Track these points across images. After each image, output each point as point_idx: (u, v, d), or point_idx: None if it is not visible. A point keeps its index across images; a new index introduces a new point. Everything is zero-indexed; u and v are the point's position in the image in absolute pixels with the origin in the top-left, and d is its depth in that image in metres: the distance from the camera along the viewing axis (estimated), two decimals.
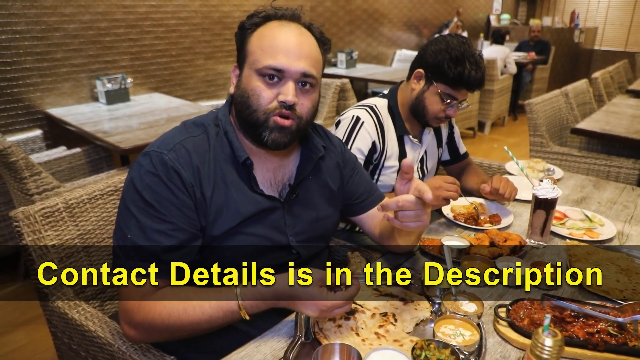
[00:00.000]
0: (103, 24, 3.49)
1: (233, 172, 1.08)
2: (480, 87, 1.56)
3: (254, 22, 1.08)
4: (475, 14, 8.19)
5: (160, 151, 1.02)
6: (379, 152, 1.64)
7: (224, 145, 1.08)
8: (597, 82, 4.26)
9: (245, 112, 1.05)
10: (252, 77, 1.03)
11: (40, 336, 2.21)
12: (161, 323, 0.95)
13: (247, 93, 1.04)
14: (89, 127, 2.81)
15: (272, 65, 1.01)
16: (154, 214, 0.98)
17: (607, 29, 9.49)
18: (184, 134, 1.07)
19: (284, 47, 1.02)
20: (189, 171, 1.02)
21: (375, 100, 1.70)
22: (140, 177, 1.00)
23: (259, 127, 1.04)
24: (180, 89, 4.14)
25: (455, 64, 1.51)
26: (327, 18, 5.44)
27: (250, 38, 1.06)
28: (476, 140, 5.70)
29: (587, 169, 2.78)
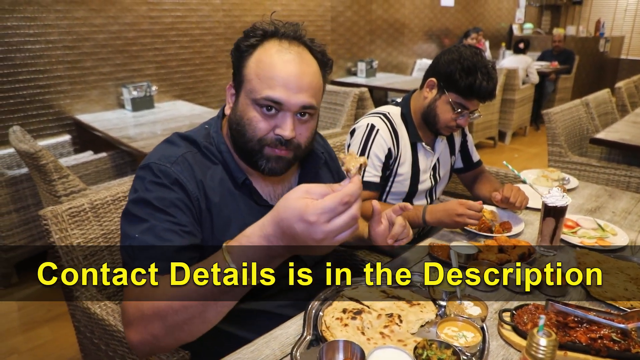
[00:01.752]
0: (130, 34, 3.63)
1: (236, 189, 1.07)
2: (491, 97, 1.58)
3: (250, 43, 1.01)
4: (497, 24, 8.15)
5: (162, 163, 1.00)
6: (394, 158, 1.67)
7: (222, 163, 1.07)
8: (621, 91, 4.20)
9: (240, 140, 1.03)
10: (248, 106, 1.00)
11: (65, 333, 2.30)
12: (150, 308, 0.83)
13: (243, 122, 1.01)
14: (115, 132, 2.92)
15: (270, 97, 0.97)
16: (164, 217, 0.95)
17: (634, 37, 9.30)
18: (184, 147, 1.06)
19: (283, 78, 0.97)
20: (193, 184, 1.00)
21: (388, 108, 1.74)
22: (146, 189, 0.98)
23: (254, 155, 1.02)
24: (202, 96, 4.25)
25: (466, 74, 1.53)
26: (347, 28, 5.51)
27: (247, 62, 1.01)
28: (497, 150, 5.66)
29: (606, 180, 2.75)
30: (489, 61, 1.58)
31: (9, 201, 2.62)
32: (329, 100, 3.72)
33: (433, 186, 1.80)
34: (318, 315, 1.07)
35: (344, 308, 1.08)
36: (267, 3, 4.51)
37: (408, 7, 6.23)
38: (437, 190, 1.84)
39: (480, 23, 7.61)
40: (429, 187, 1.78)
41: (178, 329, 0.83)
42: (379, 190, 1.70)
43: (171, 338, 0.85)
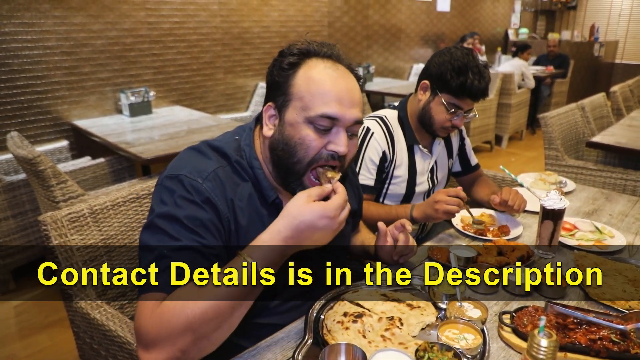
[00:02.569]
0: (128, 40, 3.64)
1: (263, 207, 1.05)
2: (484, 96, 1.59)
3: (292, 62, 0.99)
4: (493, 29, 8.21)
5: (193, 178, 0.96)
6: (389, 161, 1.69)
7: (252, 180, 1.04)
8: (616, 95, 4.23)
9: (287, 161, 1.00)
10: (300, 125, 0.97)
11: (63, 338, 2.29)
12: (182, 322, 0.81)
13: (294, 142, 0.98)
14: (113, 138, 2.92)
15: (327, 114, 0.96)
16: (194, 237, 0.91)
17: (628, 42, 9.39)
18: (215, 162, 1.01)
19: (337, 94, 0.97)
20: (224, 203, 0.97)
21: (385, 112, 1.76)
22: (176, 204, 0.93)
23: (296, 179, 1.01)
24: (200, 102, 4.26)
25: (457, 74, 1.55)
26: (344, 33, 5.54)
27: (294, 80, 0.99)
28: (493, 154, 5.68)
29: (602, 183, 2.77)
30: (481, 61, 1.60)
31: (7, 207, 2.61)
32: None
33: (431, 188, 1.81)
34: (319, 319, 1.07)
35: (344, 311, 1.08)
36: (264, 9, 4.53)
37: (404, 12, 6.28)
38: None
39: (476, 28, 7.66)
40: (426, 189, 1.79)
41: (206, 339, 0.84)
42: (374, 193, 1.71)
43: (197, 350, 0.84)
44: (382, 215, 1.61)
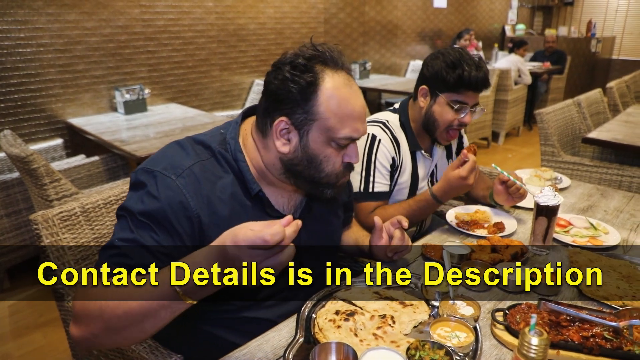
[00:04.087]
0: (123, 37, 3.62)
1: (247, 198, 1.06)
2: (485, 86, 1.55)
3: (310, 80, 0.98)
4: (490, 25, 8.19)
5: (167, 175, 0.97)
6: (397, 167, 1.66)
7: (235, 172, 1.06)
8: (612, 91, 4.22)
9: (314, 175, 1.05)
10: (324, 144, 1.01)
11: (57, 338, 2.28)
12: (96, 309, 0.85)
13: (319, 159, 1.02)
14: (107, 136, 2.91)
15: (353, 137, 1.02)
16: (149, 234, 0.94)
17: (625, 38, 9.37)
18: (193, 157, 1.03)
19: (359, 115, 1.02)
20: (197, 199, 0.98)
21: (386, 116, 1.71)
22: (142, 200, 0.96)
23: (328, 187, 1.07)
24: (196, 99, 4.25)
25: (452, 68, 1.53)
26: (340, 29, 5.52)
27: (317, 99, 0.98)
28: (490, 151, 5.68)
29: (598, 179, 2.76)
30: (474, 55, 1.58)
31: (1, 206, 2.60)
32: None
33: None
34: (311, 318, 1.07)
35: (336, 310, 1.08)
36: (260, 6, 4.51)
37: (401, 8, 6.25)
38: None
39: (473, 24, 7.64)
40: None
41: (116, 333, 0.86)
42: (388, 199, 1.68)
43: (108, 339, 0.88)
44: (402, 213, 1.56)
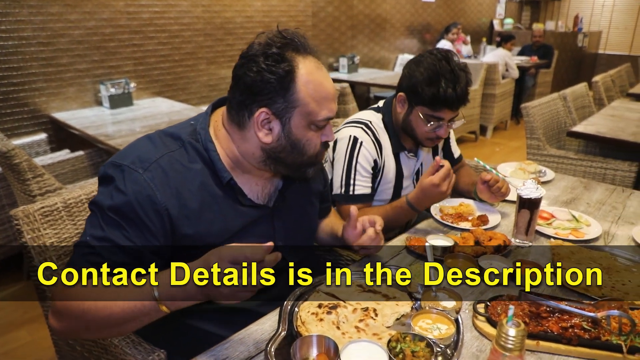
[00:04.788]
0: (107, 30, 3.56)
1: (218, 188, 1.06)
2: (462, 103, 1.48)
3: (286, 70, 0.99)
4: (478, 19, 8.22)
5: (134, 169, 0.97)
6: (379, 168, 1.65)
7: (206, 162, 1.05)
8: (598, 85, 4.27)
9: (298, 159, 1.08)
10: (305, 128, 1.05)
11: (42, 335, 2.26)
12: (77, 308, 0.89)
13: (302, 143, 1.06)
14: (92, 130, 2.87)
15: (330, 117, 1.06)
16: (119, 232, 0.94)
17: (611, 32, 9.47)
18: (161, 149, 1.02)
19: (332, 95, 1.06)
20: (164, 192, 0.97)
21: (369, 116, 1.68)
22: (111, 195, 0.96)
23: (310, 165, 1.11)
24: (182, 93, 4.21)
25: (428, 84, 1.45)
26: (329, 23, 5.50)
27: (295, 86, 1.00)
28: (478, 144, 5.71)
29: (583, 172, 2.80)
30: (458, 63, 1.48)
31: None
32: None
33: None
34: (294, 311, 1.07)
35: (319, 303, 1.08)
36: None
37: (389, 2, 6.24)
38: None
39: (462, 18, 7.66)
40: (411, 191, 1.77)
41: (97, 331, 0.93)
42: (371, 201, 1.68)
43: (89, 335, 1.01)
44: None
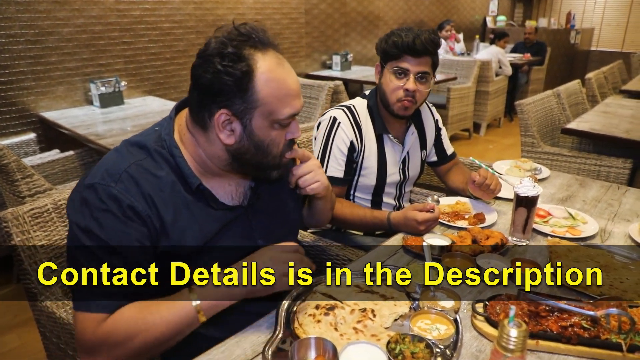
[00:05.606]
0: (97, 28, 3.51)
1: (189, 194, 1.03)
2: (422, 46, 1.52)
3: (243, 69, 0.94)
4: (471, 16, 8.23)
5: (106, 184, 0.94)
6: (357, 151, 1.66)
7: (173, 168, 1.02)
8: (591, 82, 4.28)
9: (264, 160, 1.04)
10: (268, 128, 1.00)
11: (32, 338, 2.22)
12: (123, 339, 0.90)
13: (266, 144, 1.02)
14: (82, 130, 2.83)
15: (293, 114, 1.02)
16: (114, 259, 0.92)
17: (603, 29, 9.53)
18: (128, 158, 0.99)
19: (295, 91, 1.01)
20: (141, 201, 0.95)
21: (354, 101, 1.74)
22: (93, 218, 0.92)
23: (273, 168, 1.07)
24: (174, 92, 4.16)
25: (388, 37, 1.60)
26: (322, 20, 5.47)
27: (254, 86, 0.95)
28: (472, 142, 5.72)
29: (577, 169, 2.80)
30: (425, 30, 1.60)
31: None
32: (304, 94, 3.68)
33: (403, 181, 1.79)
34: (290, 313, 1.05)
35: (316, 304, 1.06)
36: None
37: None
38: (406, 185, 1.83)
39: (455, 15, 7.66)
40: (397, 180, 1.76)
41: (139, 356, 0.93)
42: (345, 185, 1.68)
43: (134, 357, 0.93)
44: (355, 219, 1.58)
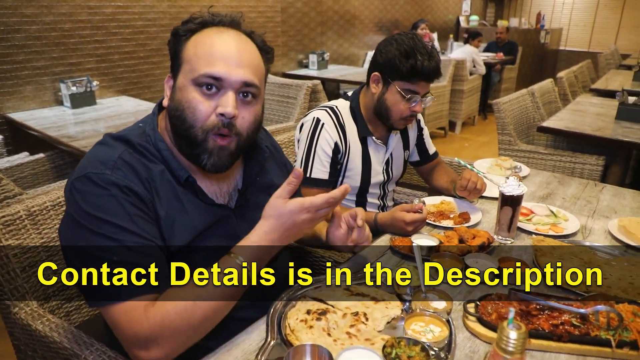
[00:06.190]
0: (67, 25, 3.39)
1: (178, 187, 1.01)
2: (437, 75, 1.56)
3: (189, 28, 0.99)
4: (444, 16, 8.33)
5: (101, 172, 0.91)
6: (342, 153, 1.65)
7: (161, 162, 1.00)
8: (562, 81, 4.39)
9: (181, 128, 0.96)
10: (187, 88, 0.95)
11: (4, 350, 2.13)
12: (180, 319, 0.86)
13: (183, 105, 0.95)
14: (53, 131, 2.73)
15: (209, 73, 0.93)
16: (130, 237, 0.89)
17: (571, 29, 9.81)
18: (119, 148, 0.97)
19: (223, 53, 0.95)
20: (141, 187, 0.93)
21: (337, 102, 1.71)
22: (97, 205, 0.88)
23: (197, 146, 0.97)
24: (149, 91, 4.06)
25: (406, 57, 1.51)
26: (298, 19, 5.44)
27: (185, 45, 0.98)
28: (447, 140, 5.79)
29: (553, 166, 2.86)
30: (427, 42, 1.57)
31: None
32: (281, 94, 3.65)
33: (386, 181, 1.78)
34: (281, 318, 1.02)
35: (307, 309, 1.04)
36: None
37: None
38: (389, 185, 1.83)
39: (429, 15, 7.75)
40: (381, 181, 1.76)
41: (201, 335, 0.91)
42: (330, 187, 1.66)
43: (190, 345, 0.91)
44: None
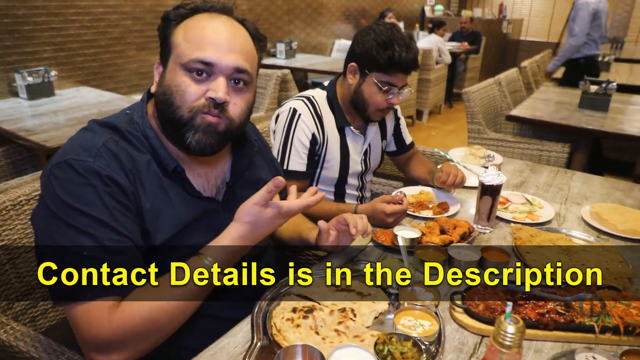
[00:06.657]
0: (20, 12, 3.19)
1: (165, 177, 0.97)
2: (414, 67, 1.53)
3: (179, 13, 0.97)
4: (410, 5, 8.37)
5: (83, 159, 0.87)
6: (320, 143, 1.61)
7: (148, 150, 0.97)
8: (526, 70, 4.49)
9: (168, 111, 0.93)
10: (177, 73, 0.93)
11: None
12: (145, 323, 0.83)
13: (171, 89, 0.92)
14: (9, 125, 2.57)
15: (200, 58, 0.91)
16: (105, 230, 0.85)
17: (531, 20, 10.06)
18: (104, 134, 0.94)
19: (214, 39, 0.93)
20: (123, 177, 0.90)
21: (313, 92, 1.67)
22: (75, 194, 0.84)
23: (182, 126, 0.92)
24: (111, 81, 3.90)
25: (384, 48, 1.48)
26: (265, 7, 5.33)
27: (175, 30, 0.96)
28: (415, 129, 5.85)
29: (521, 154, 2.92)
30: (405, 34, 1.55)
31: None
32: None
33: (364, 171, 1.77)
34: (266, 318, 0.99)
35: (293, 307, 1.01)
36: None
37: None
38: (367, 175, 1.81)
39: (395, 4, 7.76)
40: (359, 171, 1.74)
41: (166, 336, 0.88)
42: (307, 179, 1.63)
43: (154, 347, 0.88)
44: (322, 214, 1.51)
